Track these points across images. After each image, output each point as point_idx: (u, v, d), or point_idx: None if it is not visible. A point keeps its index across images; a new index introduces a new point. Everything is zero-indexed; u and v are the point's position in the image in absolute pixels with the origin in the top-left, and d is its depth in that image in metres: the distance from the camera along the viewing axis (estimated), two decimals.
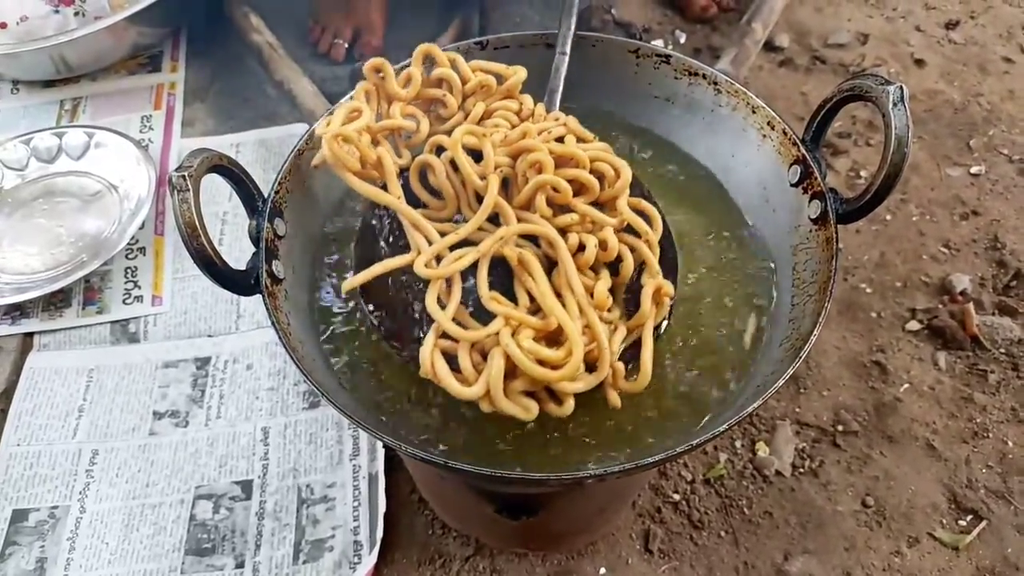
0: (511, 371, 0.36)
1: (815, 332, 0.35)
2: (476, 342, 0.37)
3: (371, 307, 0.41)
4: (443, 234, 0.40)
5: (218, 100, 0.93)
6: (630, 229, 0.41)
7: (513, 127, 0.44)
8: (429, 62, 0.47)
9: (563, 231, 0.40)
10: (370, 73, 0.46)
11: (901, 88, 0.37)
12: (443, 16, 1.00)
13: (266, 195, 0.43)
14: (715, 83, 0.48)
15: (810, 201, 0.41)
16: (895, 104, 0.37)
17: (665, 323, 0.41)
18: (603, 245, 0.39)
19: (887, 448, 0.65)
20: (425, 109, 0.47)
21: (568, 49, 0.50)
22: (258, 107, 0.92)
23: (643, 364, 0.38)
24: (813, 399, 0.68)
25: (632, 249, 0.40)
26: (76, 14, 0.90)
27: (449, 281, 0.39)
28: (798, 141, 0.43)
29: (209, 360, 0.73)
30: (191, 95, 0.93)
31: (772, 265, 0.43)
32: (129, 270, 0.78)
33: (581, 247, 0.39)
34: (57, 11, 0.89)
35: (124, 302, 0.76)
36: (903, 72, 0.94)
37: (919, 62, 0.95)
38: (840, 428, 0.66)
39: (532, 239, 0.41)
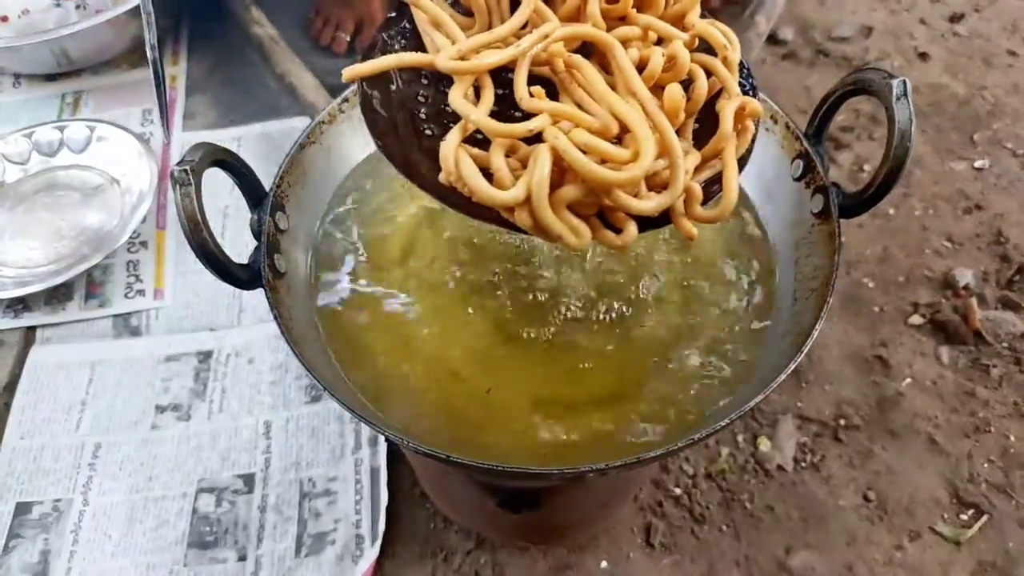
0: (557, 183, 0.30)
1: (817, 327, 0.35)
2: (513, 149, 0.30)
3: (375, 121, 0.35)
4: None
5: (219, 92, 0.92)
6: (701, 51, 0.34)
7: None
8: None
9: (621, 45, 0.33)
10: None
11: (904, 82, 0.37)
12: None
13: (268, 189, 0.43)
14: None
15: (812, 195, 0.41)
16: (898, 98, 0.36)
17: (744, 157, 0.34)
18: (670, 62, 0.32)
19: (889, 442, 0.65)
20: None
21: None
22: (260, 100, 0.91)
23: (727, 187, 0.31)
24: (815, 393, 0.68)
25: (707, 73, 0.33)
26: (77, 7, 0.90)
27: (477, 87, 0.32)
28: (800, 135, 0.43)
29: (211, 354, 0.73)
30: (192, 88, 0.93)
31: (775, 258, 0.43)
32: (131, 264, 0.78)
33: (642, 68, 0.32)
34: (59, 5, 0.89)
35: (126, 296, 0.76)
36: (907, 65, 0.93)
37: (923, 55, 0.94)
38: (842, 422, 0.66)
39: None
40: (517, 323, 0.44)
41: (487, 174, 0.30)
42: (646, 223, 0.31)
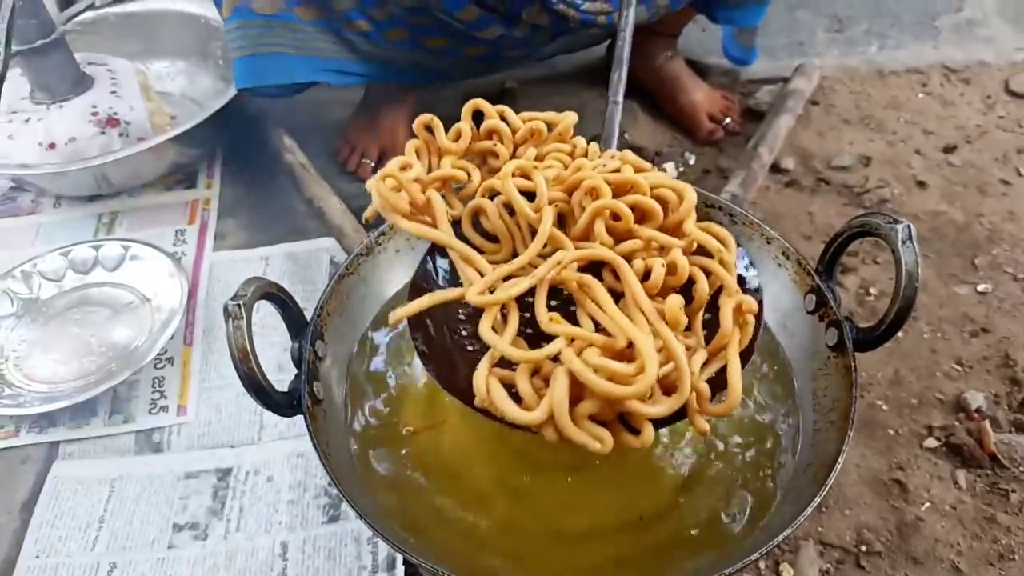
0: (576, 396, 0.33)
1: (840, 460, 0.36)
2: (537, 367, 0.34)
3: (422, 347, 0.39)
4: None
5: (250, 215, 0.97)
6: (700, 252, 0.38)
7: (566, 167, 0.43)
8: (478, 117, 0.47)
9: (627, 259, 0.38)
10: (420, 130, 0.46)
11: (909, 227, 0.40)
12: None
13: (308, 318, 0.46)
14: (731, 215, 0.51)
15: (827, 329, 0.43)
16: (904, 242, 0.39)
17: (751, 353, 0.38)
18: (671, 269, 0.37)
19: (912, 570, 0.64)
20: (477, 163, 0.46)
21: (620, 98, 0.51)
22: (287, 222, 0.96)
23: (731, 383, 0.35)
24: (835, 518, 0.67)
25: (706, 273, 0.38)
26: (120, 135, 0.96)
27: (504, 312, 0.36)
28: (812, 271, 0.45)
29: (230, 471, 0.73)
30: (224, 210, 0.98)
31: (796, 390, 0.45)
32: (156, 380, 0.80)
33: (647, 275, 0.37)
34: (103, 133, 0.95)
35: (150, 412, 0.77)
36: (906, 193, 0.98)
37: (921, 183, 0.99)
38: (863, 548, 0.65)
39: (592, 274, 0.38)
40: (541, 453, 0.45)
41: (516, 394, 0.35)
42: (662, 421, 0.35)
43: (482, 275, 0.38)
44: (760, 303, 0.38)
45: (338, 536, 0.68)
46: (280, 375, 0.78)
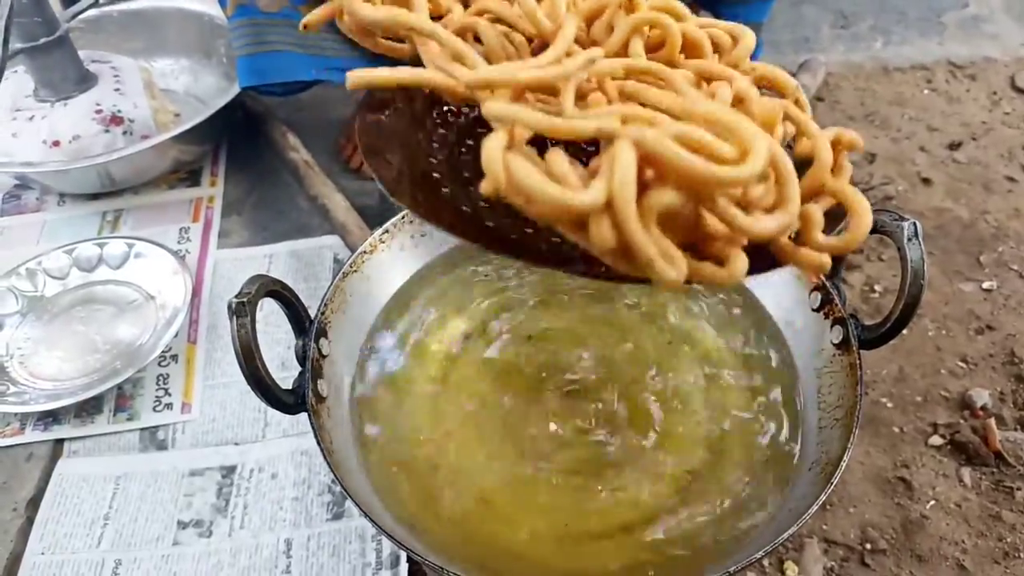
0: (641, 187, 0.22)
1: (845, 458, 0.36)
2: (579, 138, 0.23)
3: (385, 171, 0.31)
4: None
5: (254, 213, 0.97)
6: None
7: None
8: None
9: None
10: None
11: (915, 224, 0.39)
12: None
13: (312, 316, 0.46)
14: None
15: (832, 326, 0.43)
16: (910, 239, 0.39)
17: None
18: (739, 104, 0.27)
19: (917, 568, 0.64)
20: None
21: None
22: (291, 220, 0.96)
23: (855, 207, 0.26)
24: (840, 516, 0.67)
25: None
26: (124, 133, 0.96)
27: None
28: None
29: (235, 469, 0.74)
30: (228, 208, 0.98)
31: (800, 386, 0.45)
32: (161, 377, 0.80)
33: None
34: (107, 131, 0.95)
35: (154, 409, 0.78)
36: (911, 190, 0.97)
37: (926, 180, 0.99)
38: (868, 546, 0.65)
39: None
40: (545, 453, 0.45)
41: None
42: (756, 267, 0.25)
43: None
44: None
45: (342, 533, 0.68)
46: (284, 372, 0.78)
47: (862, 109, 1.11)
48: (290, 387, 0.43)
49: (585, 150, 0.27)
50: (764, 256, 0.26)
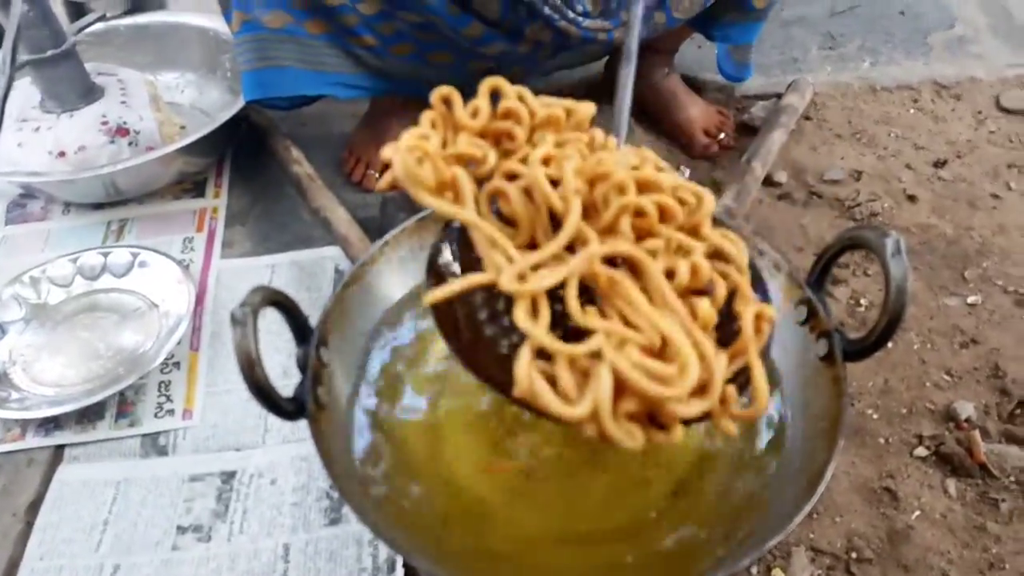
0: (615, 392, 0.34)
1: (829, 468, 0.38)
2: (575, 360, 0.34)
3: (448, 333, 0.40)
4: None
5: (257, 224, 0.99)
6: (713, 258, 0.39)
7: (584, 157, 0.41)
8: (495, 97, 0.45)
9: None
10: (437, 102, 0.44)
11: (898, 240, 0.41)
12: None
13: (312, 325, 0.47)
14: (723, 226, 0.53)
15: (817, 339, 0.45)
16: (893, 255, 0.41)
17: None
18: (693, 271, 0.37)
19: None
20: (491, 143, 0.44)
21: (630, 90, 0.50)
22: (293, 231, 0.98)
23: (757, 387, 0.36)
24: (826, 525, 0.69)
25: (723, 277, 0.38)
26: (130, 144, 0.98)
27: (534, 303, 0.36)
28: (802, 283, 0.47)
29: (234, 474, 0.75)
30: (232, 219, 0.99)
31: (784, 397, 0.47)
32: (163, 384, 0.81)
33: (669, 274, 0.37)
34: (113, 142, 0.97)
35: (156, 415, 0.79)
36: (896, 207, 1.00)
37: (911, 197, 1.01)
38: (854, 555, 0.67)
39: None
40: (540, 460, 0.47)
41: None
42: (687, 420, 0.35)
43: (509, 261, 0.37)
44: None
45: (340, 538, 0.69)
46: (286, 380, 0.79)
47: (849, 128, 1.13)
48: (291, 394, 0.44)
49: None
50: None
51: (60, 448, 0.77)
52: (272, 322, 0.72)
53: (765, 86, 1.18)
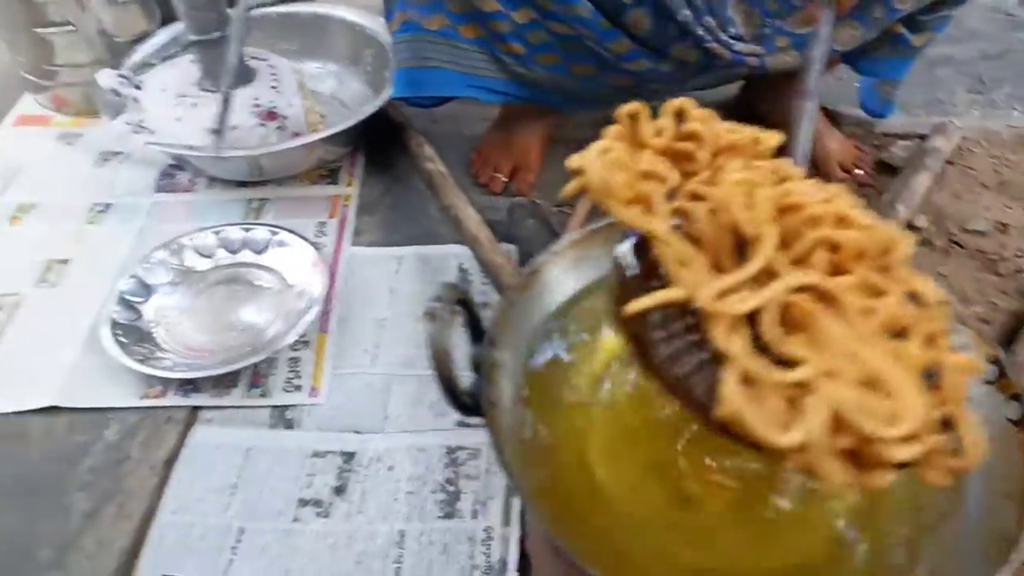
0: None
1: None
2: (779, 389, 0.32)
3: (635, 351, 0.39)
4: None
5: (386, 215, 1.02)
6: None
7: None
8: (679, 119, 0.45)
9: None
10: (623, 118, 0.44)
11: None
12: None
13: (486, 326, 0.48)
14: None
15: (1008, 400, 0.44)
16: None
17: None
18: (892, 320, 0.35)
19: None
20: (671, 164, 0.44)
21: (809, 131, 0.50)
22: (421, 225, 1.00)
23: (967, 440, 0.34)
24: None
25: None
26: (278, 128, 1.03)
27: (730, 326, 0.35)
28: (991, 341, 0.46)
29: (354, 455, 0.77)
30: (363, 208, 1.03)
31: None
32: (292, 360, 0.85)
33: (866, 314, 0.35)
34: (263, 125, 1.02)
35: (285, 390, 0.82)
36: None
37: None
38: None
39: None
40: (697, 487, 0.46)
41: None
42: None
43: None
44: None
45: (453, 532, 0.71)
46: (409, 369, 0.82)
47: (995, 177, 1.08)
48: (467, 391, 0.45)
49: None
50: None
51: (195, 409, 0.81)
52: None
53: (906, 125, 1.15)
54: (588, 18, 0.88)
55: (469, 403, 0.43)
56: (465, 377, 0.44)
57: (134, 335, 0.85)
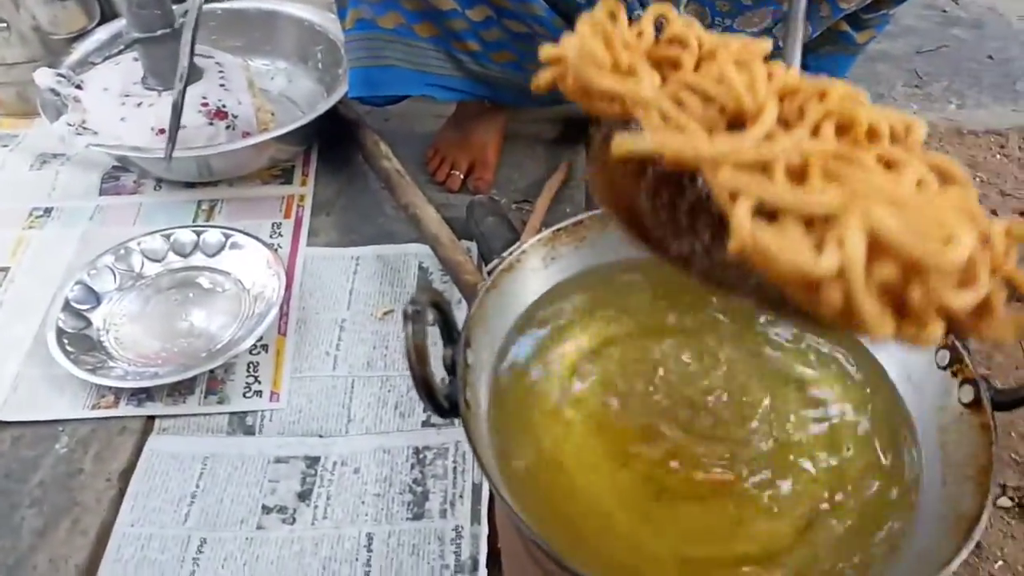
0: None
1: (984, 517, 0.38)
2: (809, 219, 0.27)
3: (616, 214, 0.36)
4: None
5: (342, 215, 1.01)
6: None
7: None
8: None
9: None
10: (603, 16, 0.39)
11: None
12: (552, 159, 1.09)
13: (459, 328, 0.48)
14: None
15: (961, 385, 0.45)
16: None
17: None
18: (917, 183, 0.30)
19: None
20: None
21: (801, 23, 0.48)
22: (377, 224, 0.99)
23: None
24: None
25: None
26: (227, 127, 1.00)
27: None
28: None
29: (318, 460, 0.76)
30: (318, 208, 1.01)
31: (919, 438, 0.47)
32: (251, 365, 0.83)
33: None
34: (211, 124, 0.99)
35: (244, 395, 0.81)
36: None
37: None
38: None
39: None
40: (668, 477, 0.47)
41: None
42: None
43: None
44: None
45: (422, 533, 0.70)
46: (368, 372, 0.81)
47: None
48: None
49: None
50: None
51: (151, 419, 0.79)
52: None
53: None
54: (543, 16, 0.88)
55: (446, 405, 0.43)
56: (439, 378, 0.44)
57: (83, 344, 0.82)
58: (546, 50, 0.37)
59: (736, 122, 0.34)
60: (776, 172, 0.30)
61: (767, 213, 0.29)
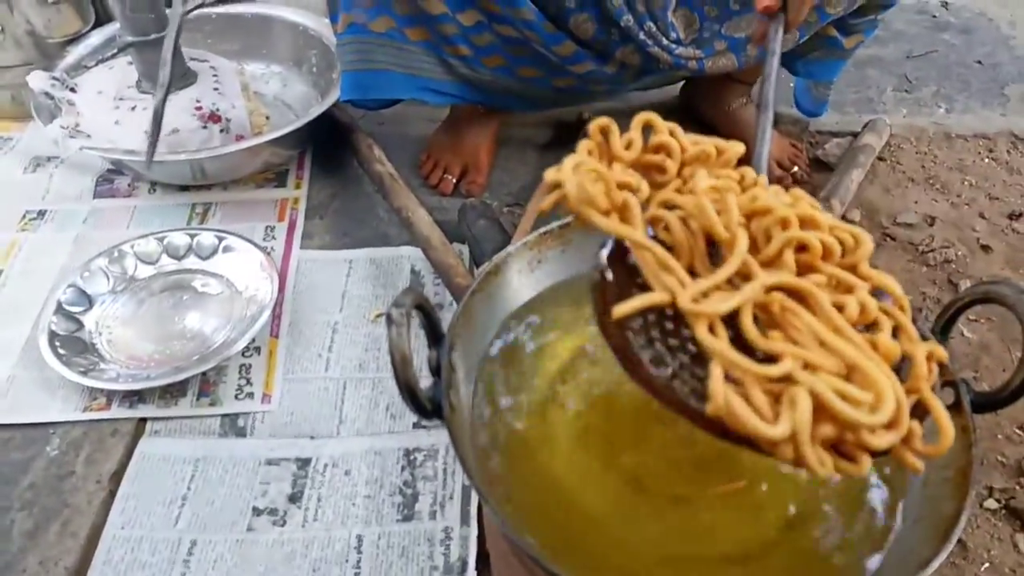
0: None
1: (963, 518, 0.39)
2: (764, 383, 0.34)
3: (625, 351, 0.39)
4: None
5: (335, 218, 1.01)
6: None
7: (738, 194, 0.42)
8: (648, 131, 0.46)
9: None
10: (595, 132, 0.45)
11: None
12: (543, 163, 1.09)
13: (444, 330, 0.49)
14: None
15: (942, 388, 0.46)
16: None
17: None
18: (860, 309, 0.37)
19: None
20: (642, 175, 0.45)
21: (768, 143, 0.53)
22: (371, 227, 1.00)
23: (942, 424, 0.36)
24: None
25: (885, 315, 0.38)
26: (221, 131, 1.00)
27: (711, 327, 0.36)
28: (928, 332, 0.48)
29: (309, 461, 0.76)
30: (311, 211, 1.02)
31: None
32: (243, 367, 0.83)
33: (837, 309, 0.37)
34: (205, 127, 1.00)
35: (236, 397, 0.81)
36: (970, 256, 1.00)
37: (985, 247, 1.01)
38: None
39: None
40: (650, 478, 0.48)
41: None
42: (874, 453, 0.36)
43: (681, 286, 0.37)
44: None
45: (412, 535, 0.71)
46: (362, 373, 0.81)
47: (923, 172, 1.13)
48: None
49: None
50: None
51: (143, 421, 0.79)
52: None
53: (840, 123, 1.19)
54: (533, 21, 0.88)
55: (429, 407, 0.44)
56: (424, 380, 0.44)
57: (75, 346, 0.82)
58: (548, 174, 0.42)
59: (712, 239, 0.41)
60: (745, 317, 0.37)
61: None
